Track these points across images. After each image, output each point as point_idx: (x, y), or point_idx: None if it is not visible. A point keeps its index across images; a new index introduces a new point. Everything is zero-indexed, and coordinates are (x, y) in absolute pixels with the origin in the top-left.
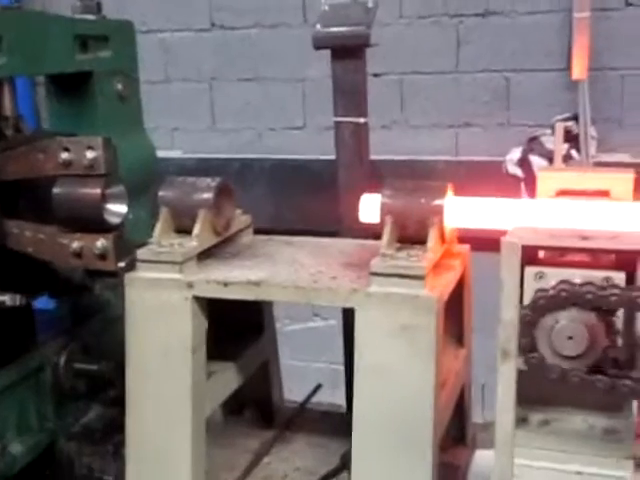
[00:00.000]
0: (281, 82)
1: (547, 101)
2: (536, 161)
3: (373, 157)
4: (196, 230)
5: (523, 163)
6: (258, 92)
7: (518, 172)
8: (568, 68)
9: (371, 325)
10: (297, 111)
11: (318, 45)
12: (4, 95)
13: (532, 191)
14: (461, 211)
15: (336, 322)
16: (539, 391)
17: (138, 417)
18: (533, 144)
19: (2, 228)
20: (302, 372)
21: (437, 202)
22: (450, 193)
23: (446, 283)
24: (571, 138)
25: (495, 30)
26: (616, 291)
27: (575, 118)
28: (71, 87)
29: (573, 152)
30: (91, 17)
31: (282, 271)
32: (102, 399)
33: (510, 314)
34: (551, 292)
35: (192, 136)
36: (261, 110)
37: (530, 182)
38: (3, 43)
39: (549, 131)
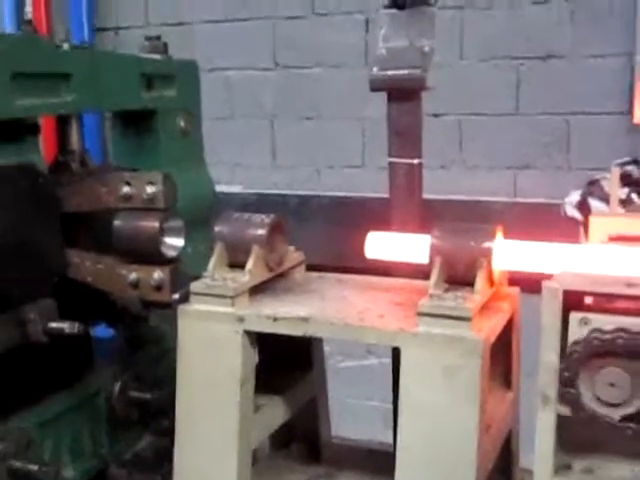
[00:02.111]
0: (340, 121)
1: (608, 144)
2: (595, 204)
3: (430, 196)
4: (249, 265)
5: (582, 206)
6: (318, 130)
7: (577, 215)
8: (630, 112)
9: (416, 365)
10: (356, 149)
11: (374, 87)
12: (72, 130)
13: None
14: (510, 254)
15: (389, 360)
16: (583, 437)
17: (186, 447)
18: (593, 187)
19: (64, 258)
20: (356, 409)
21: (486, 244)
22: (500, 236)
23: (493, 325)
24: (631, 182)
25: (556, 72)
26: None
27: (636, 162)
28: (135, 123)
29: (634, 196)
30: (157, 57)
31: (331, 308)
32: (154, 428)
33: (550, 359)
34: (594, 339)
35: (253, 172)
36: (320, 148)
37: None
38: (72, 80)
39: (609, 175)
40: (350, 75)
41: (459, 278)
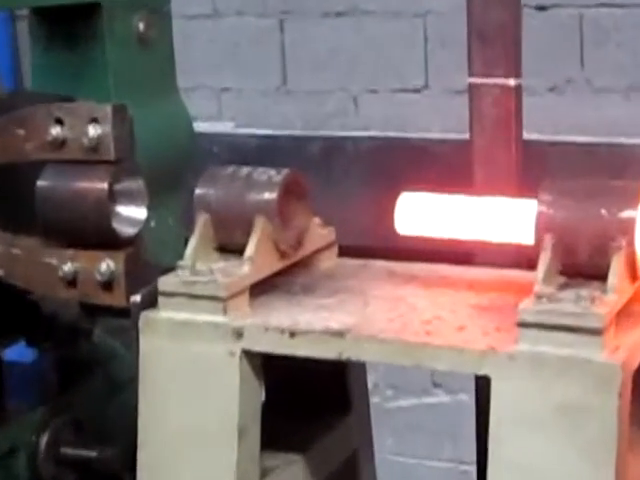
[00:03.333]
0: (389, 18)
1: None
2: None
3: (532, 137)
4: (250, 249)
5: None
6: (353, 34)
7: None
8: None
9: (515, 404)
10: (414, 64)
11: None
12: None
13: None
14: None
15: (468, 397)
16: None
17: None
18: None
19: None
20: (412, 472)
21: (626, 214)
22: None
23: (637, 342)
24: None
25: None
26: None
27: None
28: (68, 26)
29: None
30: None
31: (380, 315)
32: None
33: None
34: None
35: (250, 101)
36: (358, 62)
37: None
38: None
39: None
40: None
41: (583, 268)
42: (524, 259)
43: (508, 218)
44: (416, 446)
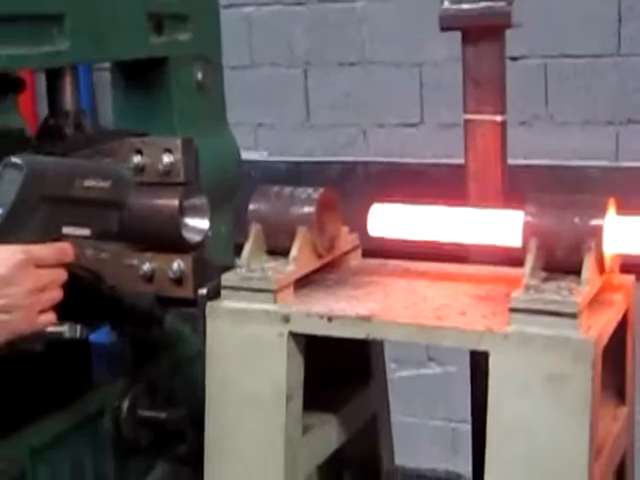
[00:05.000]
0: (393, 67)
1: None
2: None
3: (509, 162)
4: (294, 251)
5: None
6: (363, 80)
7: None
8: None
9: (509, 374)
10: (412, 104)
11: (446, 25)
12: (65, 86)
13: None
14: (625, 233)
15: (456, 369)
16: None
17: (218, 478)
18: None
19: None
20: (413, 431)
21: (595, 222)
22: (612, 210)
23: (606, 323)
24: None
25: None
26: None
27: None
28: (142, 76)
29: None
30: None
31: (398, 304)
32: (170, 455)
33: None
34: None
35: (281, 134)
36: (367, 102)
37: None
38: (66, 23)
39: None
40: (403, 8)
41: (561, 265)
42: (512, 258)
43: (498, 226)
44: (415, 408)
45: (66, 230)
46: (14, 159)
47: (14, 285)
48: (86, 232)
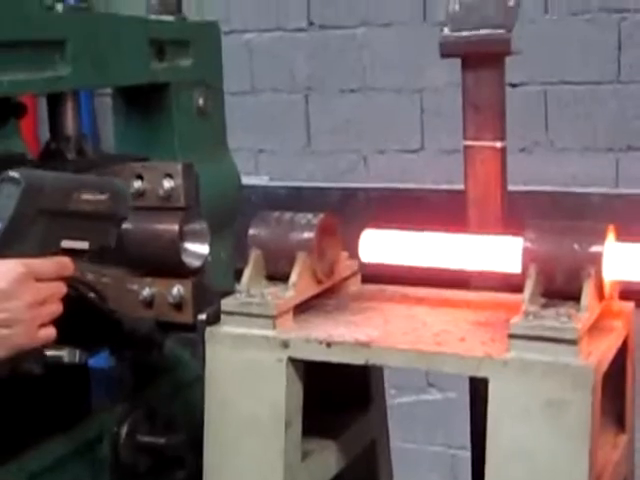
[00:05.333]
0: (393, 93)
1: None
2: None
3: (509, 188)
4: (294, 277)
5: None
6: (364, 106)
7: None
8: None
9: (509, 400)
10: (413, 130)
11: (446, 52)
12: (66, 111)
13: None
14: (625, 260)
15: (456, 395)
16: None
17: None
18: None
19: None
20: (412, 457)
21: (594, 248)
22: (611, 237)
23: (605, 349)
24: None
25: None
26: None
27: None
28: (143, 101)
29: None
30: (169, 18)
31: (398, 330)
32: None
33: None
34: None
35: (281, 159)
36: (367, 128)
37: None
38: (67, 49)
39: None
40: (404, 34)
41: (560, 291)
42: (512, 285)
43: (498, 251)
44: (415, 434)
45: (65, 244)
46: (12, 173)
47: (14, 299)
48: (85, 245)
